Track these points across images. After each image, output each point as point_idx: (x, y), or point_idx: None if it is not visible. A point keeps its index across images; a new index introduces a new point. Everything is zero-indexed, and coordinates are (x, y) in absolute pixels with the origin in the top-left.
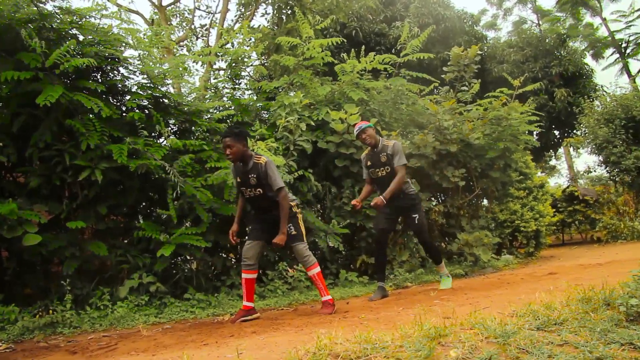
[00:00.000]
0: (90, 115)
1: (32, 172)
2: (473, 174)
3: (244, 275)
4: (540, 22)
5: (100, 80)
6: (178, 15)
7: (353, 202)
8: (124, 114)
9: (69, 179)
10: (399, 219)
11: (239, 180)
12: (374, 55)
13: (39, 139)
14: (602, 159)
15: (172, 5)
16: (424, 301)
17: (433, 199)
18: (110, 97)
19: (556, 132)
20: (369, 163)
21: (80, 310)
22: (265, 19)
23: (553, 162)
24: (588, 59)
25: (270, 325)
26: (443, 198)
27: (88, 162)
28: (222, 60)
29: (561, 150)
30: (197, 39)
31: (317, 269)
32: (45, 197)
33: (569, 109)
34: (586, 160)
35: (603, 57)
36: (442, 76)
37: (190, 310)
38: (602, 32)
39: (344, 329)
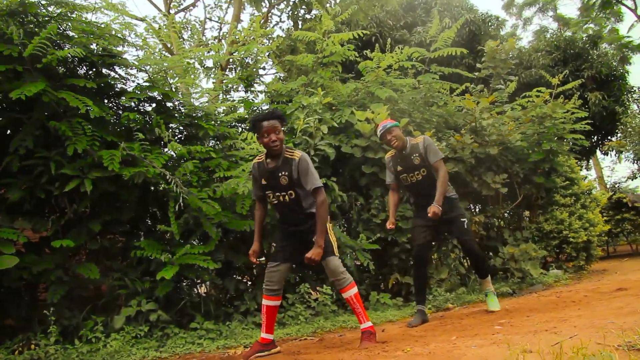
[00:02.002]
0: (79, 119)
1: (13, 184)
2: (515, 179)
3: (265, 302)
4: (562, 31)
5: (92, 80)
6: (189, 27)
7: (387, 225)
8: (119, 118)
9: (56, 192)
10: (440, 230)
11: (263, 182)
12: (401, 50)
13: (19, 144)
14: None
15: (182, 13)
16: (476, 327)
17: (472, 208)
18: (104, 100)
19: (592, 138)
20: (399, 168)
21: (68, 344)
22: (280, 27)
23: (583, 172)
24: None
25: None
26: (481, 207)
27: (77, 172)
28: (232, 63)
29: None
30: (208, 52)
31: (355, 290)
32: (30, 213)
33: (603, 114)
34: (618, 169)
35: (630, 63)
36: (476, 74)
37: (197, 342)
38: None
39: None
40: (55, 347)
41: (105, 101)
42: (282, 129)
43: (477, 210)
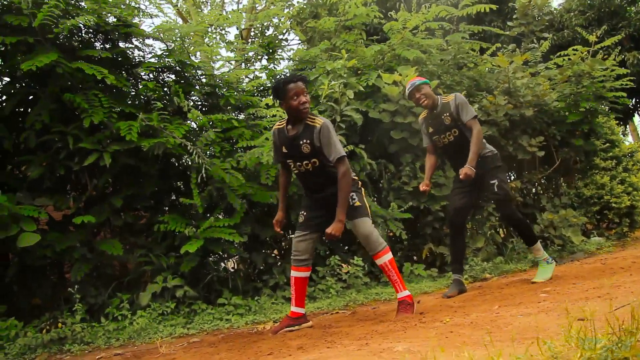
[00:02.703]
0: (95, 91)
1: (32, 161)
2: (551, 143)
3: (293, 273)
4: None
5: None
6: (208, 3)
7: (421, 187)
8: (137, 90)
9: (75, 167)
10: (479, 194)
11: (284, 150)
12: (428, 9)
13: (35, 119)
14: None
15: None
16: (519, 296)
17: (507, 173)
18: (121, 71)
19: (630, 101)
20: (430, 129)
21: (95, 322)
22: None
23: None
24: None
25: (322, 337)
26: (517, 173)
27: (95, 145)
28: (253, 33)
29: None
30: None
31: (390, 256)
32: (51, 190)
33: None
34: None
35: None
36: (507, 32)
37: (225, 318)
38: None
39: (432, 342)
40: (81, 325)
41: (123, 73)
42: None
43: (513, 176)
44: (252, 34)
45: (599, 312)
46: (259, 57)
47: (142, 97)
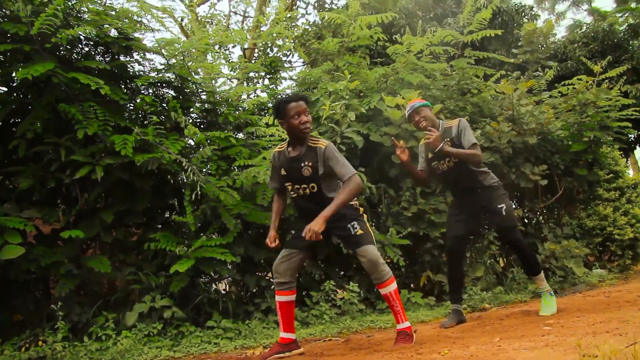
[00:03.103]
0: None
1: (22, 172)
2: (554, 171)
3: (277, 298)
4: (599, 22)
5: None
6: (213, 22)
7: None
8: (134, 103)
9: (66, 180)
10: (479, 222)
11: (283, 173)
12: (433, 33)
13: (27, 128)
14: None
15: (206, 7)
16: (521, 328)
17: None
18: (120, 85)
19: (631, 136)
20: (430, 154)
21: (77, 341)
22: (306, 19)
23: None
24: None
25: None
26: (519, 201)
27: (88, 158)
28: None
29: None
30: (233, 47)
31: (394, 285)
32: (40, 203)
33: None
34: None
35: None
36: (512, 60)
37: (213, 341)
38: None
39: None
40: (63, 344)
41: (122, 87)
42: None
43: (515, 204)
44: (255, 54)
45: (609, 348)
46: (261, 76)
47: (139, 112)
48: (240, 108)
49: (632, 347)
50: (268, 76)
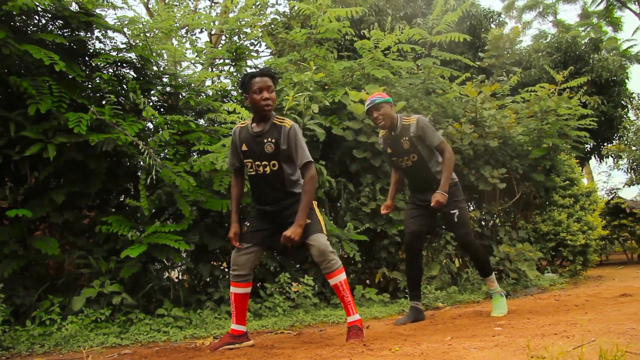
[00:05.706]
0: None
1: None
2: (513, 176)
3: (232, 289)
4: (562, 34)
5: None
6: (181, 4)
7: (382, 209)
8: (92, 83)
9: (15, 156)
10: (435, 219)
11: (244, 148)
12: (401, 30)
13: None
14: None
15: None
16: (473, 328)
17: (467, 203)
18: (78, 62)
19: (587, 146)
20: (389, 150)
21: (19, 325)
22: (276, 9)
23: None
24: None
25: (262, 358)
26: (477, 203)
27: (40, 135)
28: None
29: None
30: (200, 32)
31: (344, 276)
32: None
33: (601, 119)
34: (614, 175)
35: (628, 77)
36: (477, 63)
37: (163, 330)
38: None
39: None
40: (3, 328)
41: (79, 64)
42: (275, 89)
43: (473, 206)
44: (222, 41)
45: (557, 350)
46: (226, 62)
47: (98, 92)
48: (202, 94)
49: (579, 349)
50: (233, 63)
